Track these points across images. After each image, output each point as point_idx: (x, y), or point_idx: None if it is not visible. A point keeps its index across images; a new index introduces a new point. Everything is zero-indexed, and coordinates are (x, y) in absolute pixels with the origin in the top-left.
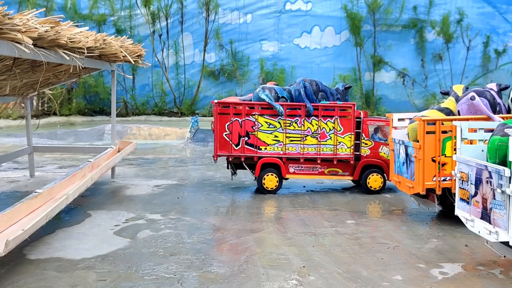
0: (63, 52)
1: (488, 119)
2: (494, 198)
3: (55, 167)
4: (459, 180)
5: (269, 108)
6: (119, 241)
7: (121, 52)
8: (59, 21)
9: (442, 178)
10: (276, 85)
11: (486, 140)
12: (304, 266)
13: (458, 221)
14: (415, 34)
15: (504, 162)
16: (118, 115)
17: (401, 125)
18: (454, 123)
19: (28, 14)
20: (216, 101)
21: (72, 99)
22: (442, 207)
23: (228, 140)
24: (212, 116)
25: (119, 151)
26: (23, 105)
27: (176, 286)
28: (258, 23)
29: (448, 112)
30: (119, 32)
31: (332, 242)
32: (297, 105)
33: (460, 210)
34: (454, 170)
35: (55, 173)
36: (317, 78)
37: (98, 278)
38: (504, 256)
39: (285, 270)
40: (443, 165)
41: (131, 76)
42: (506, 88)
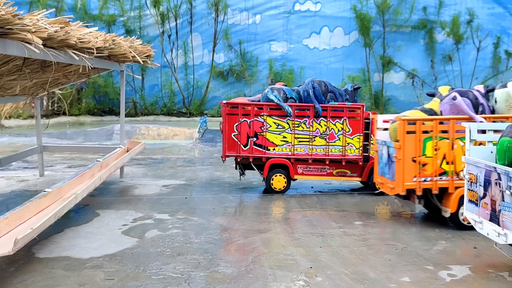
0: (73, 52)
1: (470, 119)
2: (503, 200)
3: (64, 167)
4: (468, 181)
5: (278, 109)
6: (127, 240)
7: (130, 52)
8: (68, 21)
9: (423, 179)
10: (284, 85)
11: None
12: (311, 267)
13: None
14: (424, 35)
15: None
16: (127, 115)
17: (385, 126)
18: (463, 124)
19: (38, 14)
20: (225, 101)
21: (82, 99)
22: (427, 209)
23: (237, 140)
24: (220, 116)
25: (127, 151)
26: (33, 105)
27: (183, 286)
28: (267, 23)
29: (432, 113)
30: (128, 32)
31: (340, 243)
32: (306, 106)
33: (469, 212)
34: (463, 172)
35: (64, 172)
36: (326, 79)
37: (106, 277)
38: None
39: (292, 270)
40: (424, 165)
41: (140, 77)
42: (493, 90)
